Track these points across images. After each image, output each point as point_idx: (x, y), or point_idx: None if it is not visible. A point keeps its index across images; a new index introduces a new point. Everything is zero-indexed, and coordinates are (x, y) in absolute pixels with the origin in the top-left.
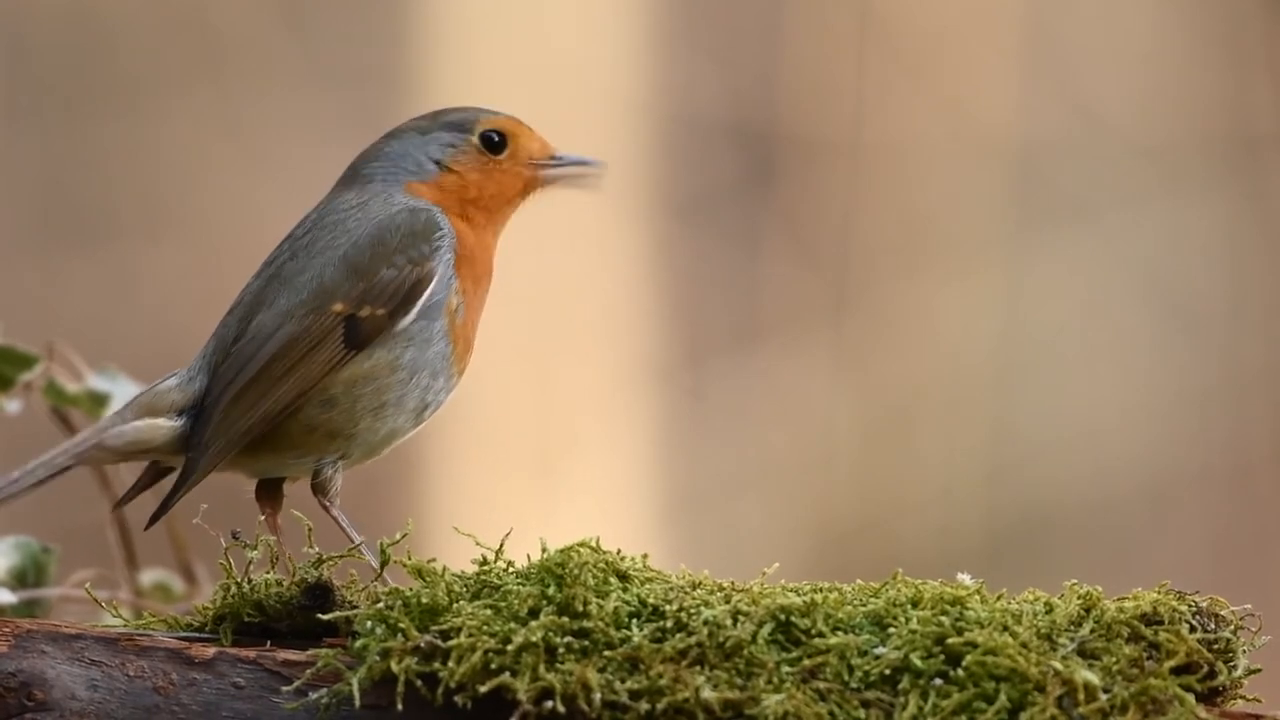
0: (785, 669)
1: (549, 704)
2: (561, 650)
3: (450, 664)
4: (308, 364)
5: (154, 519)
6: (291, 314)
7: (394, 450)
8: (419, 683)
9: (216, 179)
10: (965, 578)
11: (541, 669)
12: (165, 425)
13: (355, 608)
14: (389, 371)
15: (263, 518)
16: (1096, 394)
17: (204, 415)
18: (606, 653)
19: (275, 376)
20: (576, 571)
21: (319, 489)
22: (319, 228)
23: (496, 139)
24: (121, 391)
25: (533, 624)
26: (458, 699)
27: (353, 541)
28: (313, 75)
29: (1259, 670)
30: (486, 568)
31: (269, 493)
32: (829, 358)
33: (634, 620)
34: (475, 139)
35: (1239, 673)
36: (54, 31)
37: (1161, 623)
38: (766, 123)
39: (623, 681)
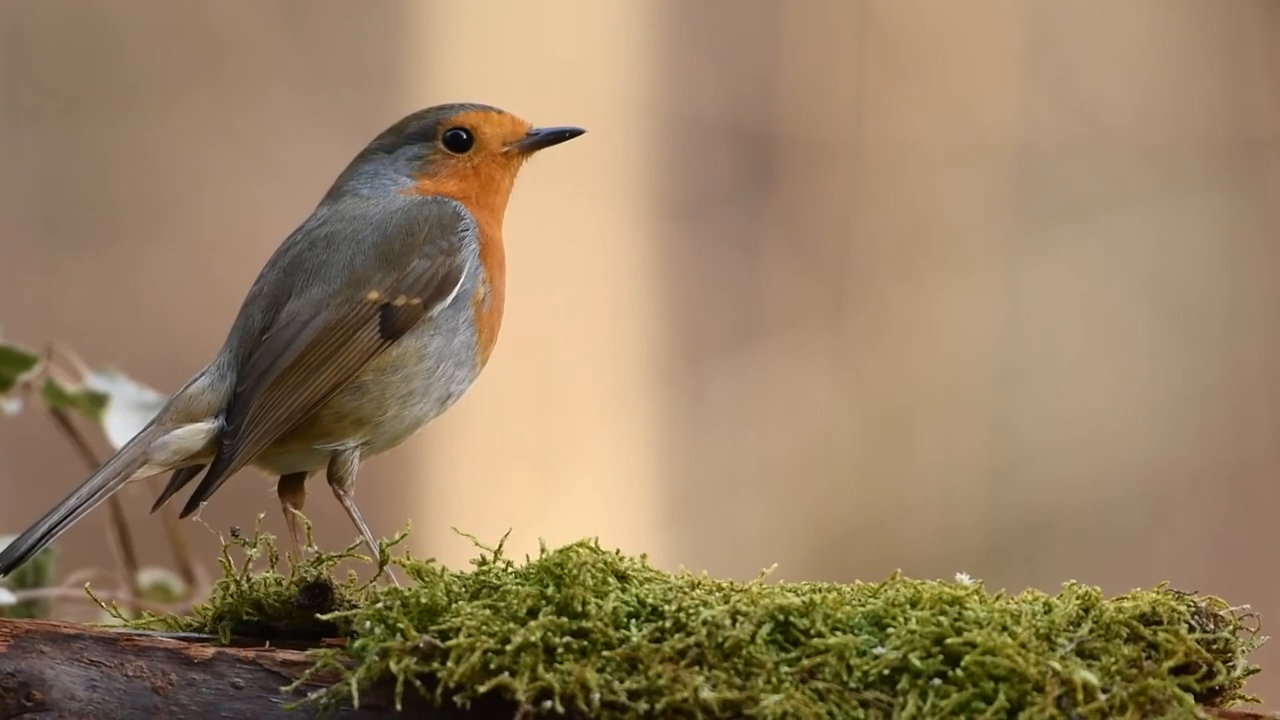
0: (784, 669)
1: (548, 704)
2: (560, 650)
3: (449, 664)
4: (345, 352)
5: (189, 507)
6: (326, 302)
7: (394, 450)
8: (418, 683)
9: (216, 180)
10: (964, 578)
11: (540, 669)
12: (206, 429)
13: (354, 607)
14: (416, 359)
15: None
16: (1096, 394)
17: (239, 404)
18: (605, 653)
19: (312, 364)
20: (575, 571)
21: (335, 477)
22: (336, 220)
23: (464, 136)
24: (120, 392)
25: (532, 624)
26: (456, 699)
27: (361, 533)
28: (313, 76)
29: (1258, 670)
30: (485, 568)
31: (291, 488)
32: (829, 358)
33: (633, 620)
34: (440, 144)
35: (1238, 673)
36: (54, 32)
37: (1160, 623)
38: (766, 124)
39: (621, 681)
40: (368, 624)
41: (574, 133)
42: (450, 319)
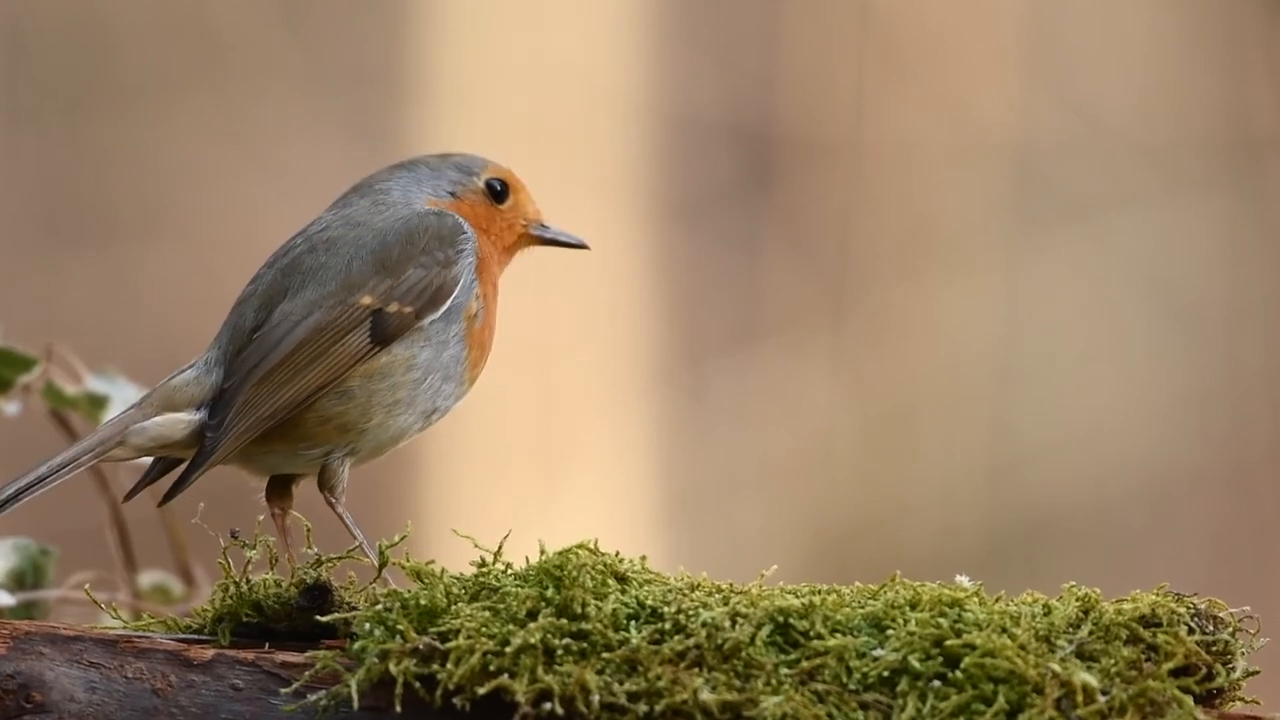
0: (784, 671)
1: (547, 706)
2: (560, 652)
3: (449, 666)
4: (334, 354)
5: (168, 497)
6: (320, 303)
7: (394, 451)
8: (417, 685)
9: (216, 180)
10: (964, 579)
11: (540, 671)
12: (186, 420)
13: (354, 609)
14: (404, 369)
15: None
16: (1096, 394)
17: (224, 399)
18: (605, 654)
19: (300, 364)
20: (575, 573)
21: (325, 485)
22: (339, 225)
23: (499, 188)
24: (120, 394)
25: (531, 626)
26: (456, 701)
27: (355, 539)
28: (312, 76)
29: (1257, 672)
30: (485, 569)
31: (278, 493)
32: (829, 358)
33: (632, 622)
34: (480, 183)
35: (1237, 675)
36: (54, 32)
37: (1160, 625)
38: (766, 124)
39: (621, 683)
40: (367, 626)
41: (580, 245)
42: (441, 331)
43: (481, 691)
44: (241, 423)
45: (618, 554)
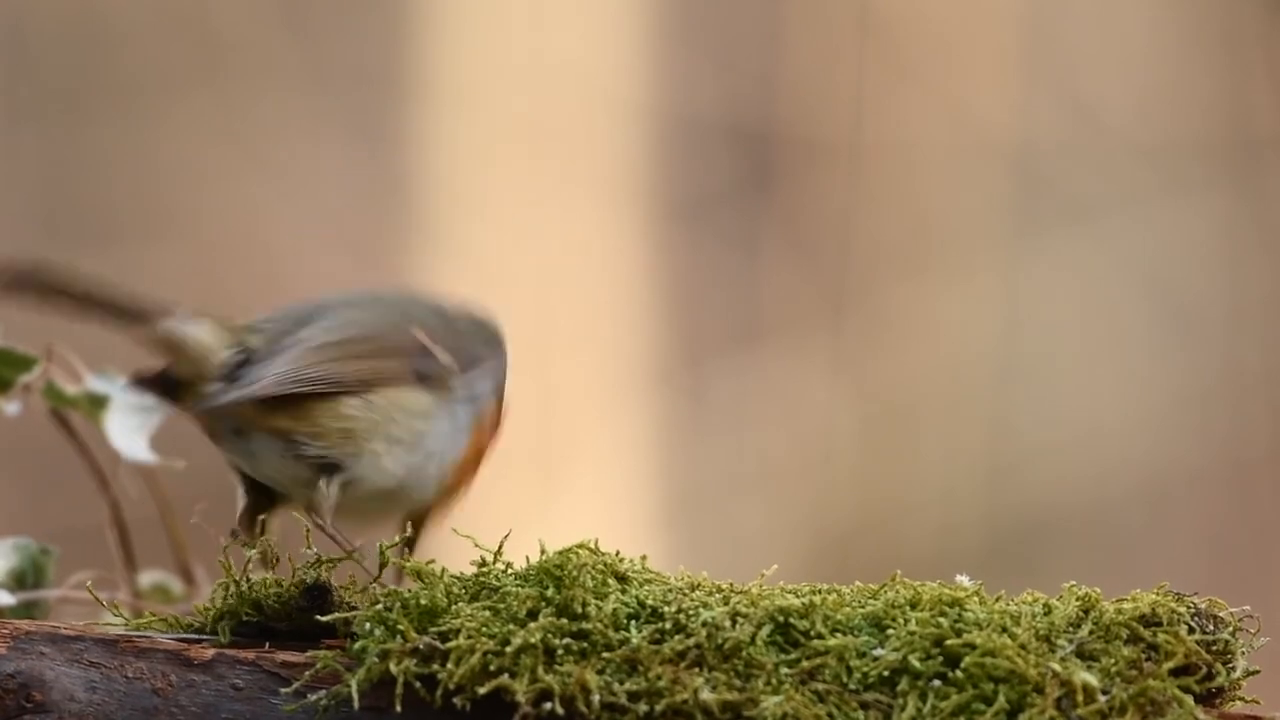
0: (784, 670)
1: (548, 705)
2: (560, 652)
3: (449, 665)
4: (379, 360)
5: (203, 407)
6: (377, 319)
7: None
8: (418, 684)
9: (217, 180)
10: (964, 579)
11: (540, 670)
12: (227, 341)
13: (354, 609)
14: (421, 417)
15: (262, 517)
16: (1096, 394)
17: (263, 355)
18: (605, 654)
19: (352, 352)
20: (575, 573)
21: (311, 506)
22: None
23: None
24: (120, 394)
25: (531, 625)
26: (456, 701)
27: (353, 548)
28: (313, 77)
29: (1258, 672)
30: (485, 569)
31: (248, 522)
32: (829, 359)
33: (633, 622)
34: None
35: (1237, 674)
36: (55, 32)
37: (1160, 624)
38: (766, 124)
39: (621, 683)
40: (367, 625)
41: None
42: (453, 413)
43: (482, 691)
44: (288, 367)
45: (618, 554)
